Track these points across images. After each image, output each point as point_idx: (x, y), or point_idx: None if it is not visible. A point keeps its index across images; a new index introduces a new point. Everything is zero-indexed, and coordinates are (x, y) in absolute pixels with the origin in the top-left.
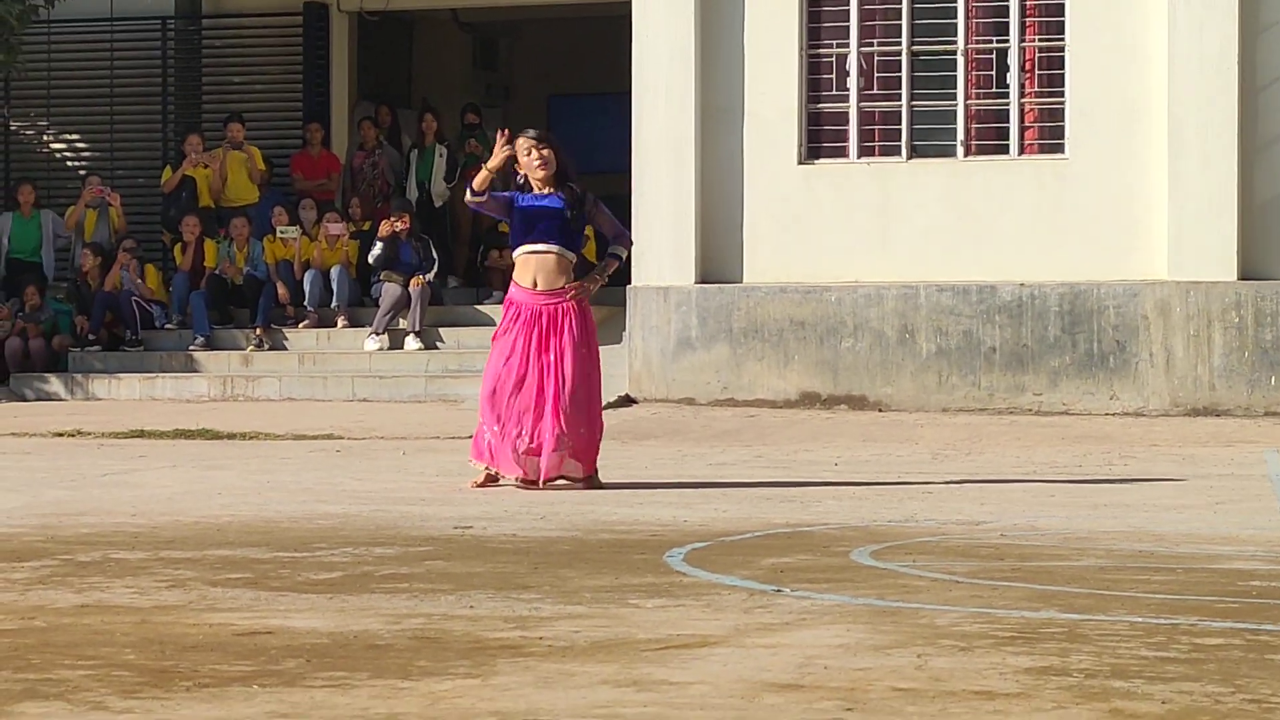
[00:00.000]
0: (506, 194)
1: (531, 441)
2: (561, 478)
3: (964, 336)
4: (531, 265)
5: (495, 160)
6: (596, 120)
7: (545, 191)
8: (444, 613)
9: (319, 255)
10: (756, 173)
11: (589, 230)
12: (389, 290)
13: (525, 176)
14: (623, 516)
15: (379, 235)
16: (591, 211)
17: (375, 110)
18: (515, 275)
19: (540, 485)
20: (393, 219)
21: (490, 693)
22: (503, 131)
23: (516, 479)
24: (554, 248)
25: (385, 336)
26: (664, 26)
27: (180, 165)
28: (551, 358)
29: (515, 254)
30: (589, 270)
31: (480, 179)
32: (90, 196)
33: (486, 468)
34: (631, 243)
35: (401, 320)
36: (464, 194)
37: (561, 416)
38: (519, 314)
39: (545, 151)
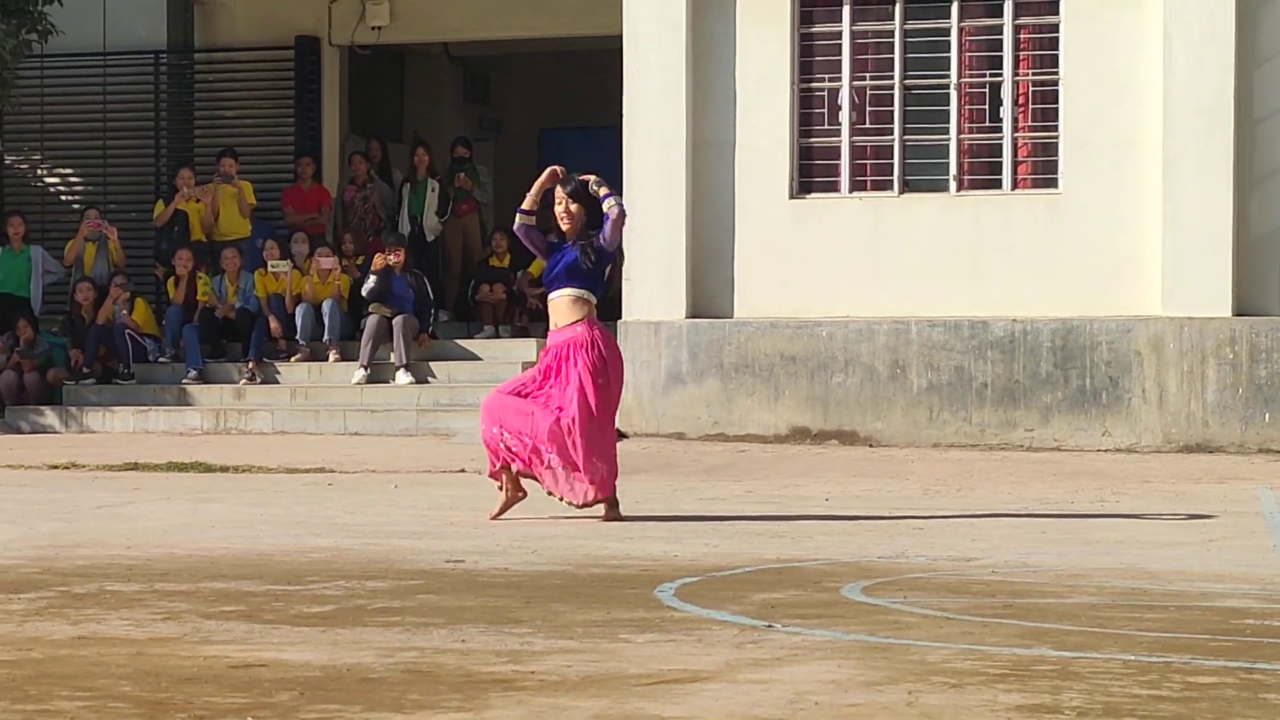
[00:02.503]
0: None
1: (568, 464)
2: (575, 500)
3: (955, 372)
4: (552, 309)
5: (538, 185)
6: (587, 153)
7: (573, 234)
8: (436, 646)
9: (310, 289)
10: (748, 207)
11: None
12: (370, 321)
13: (558, 216)
14: (614, 551)
15: (373, 268)
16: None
17: (366, 144)
18: (552, 316)
19: (568, 500)
20: (387, 252)
21: None
22: (553, 170)
23: (551, 491)
24: (568, 291)
25: (367, 369)
26: (656, 60)
27: (173, 199)
28: (569, 388)
29: (549, 292)
30: (608, 313)
31: (529, 201)
32: (89, 230)
33: (505, 492)
34: (623, 213)
35: (392, 355)
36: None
37: (584, 441)
38: (548, 351)
39: (574, 208)
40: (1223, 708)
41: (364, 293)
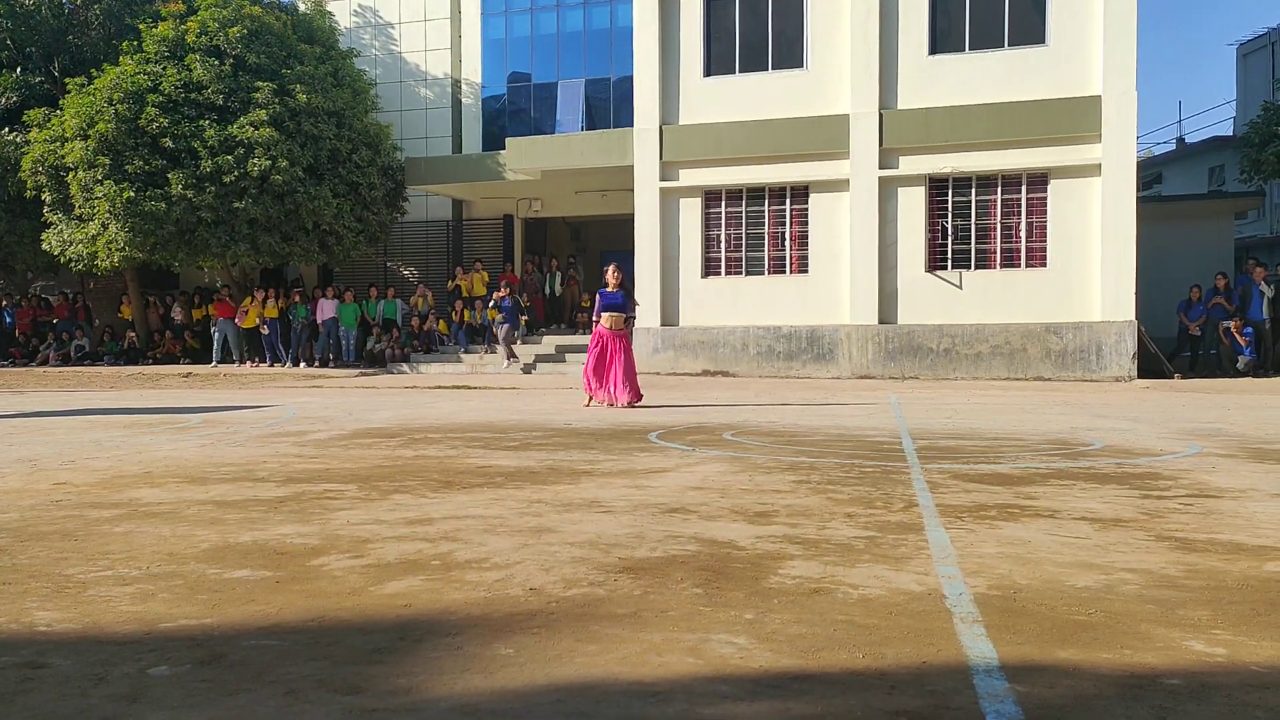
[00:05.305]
0: (598, 299)
1: (612, 391)
2: (617, 404)
3: (768, 347)
4: (607, 319)
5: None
6: (623, 260)
7: (614, 289)
8: (559, 458)
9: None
10: (685, 281)
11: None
12: (502, 329)
13: (608, 282)
14: (632, 420)
15: (496, 296)
16: (629, 301)
17: (532, 257)
18: (601, 322)
19: (613, 405)
20: (503, 287)
21: (579, 491)
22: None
23: (601, 401)
24: (615, 313)
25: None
26: (646, 223)
27: (455, 278)
28: (619, 357)
29: (602, 313)
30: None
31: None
32: (421, 293)
33: (589, 398)
34: (636, 308)
35: (512, 341)
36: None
37: (623, 381)
38: (600, 336)
39: (618, 275)
40: (875, 480)
41: (491, 305)
